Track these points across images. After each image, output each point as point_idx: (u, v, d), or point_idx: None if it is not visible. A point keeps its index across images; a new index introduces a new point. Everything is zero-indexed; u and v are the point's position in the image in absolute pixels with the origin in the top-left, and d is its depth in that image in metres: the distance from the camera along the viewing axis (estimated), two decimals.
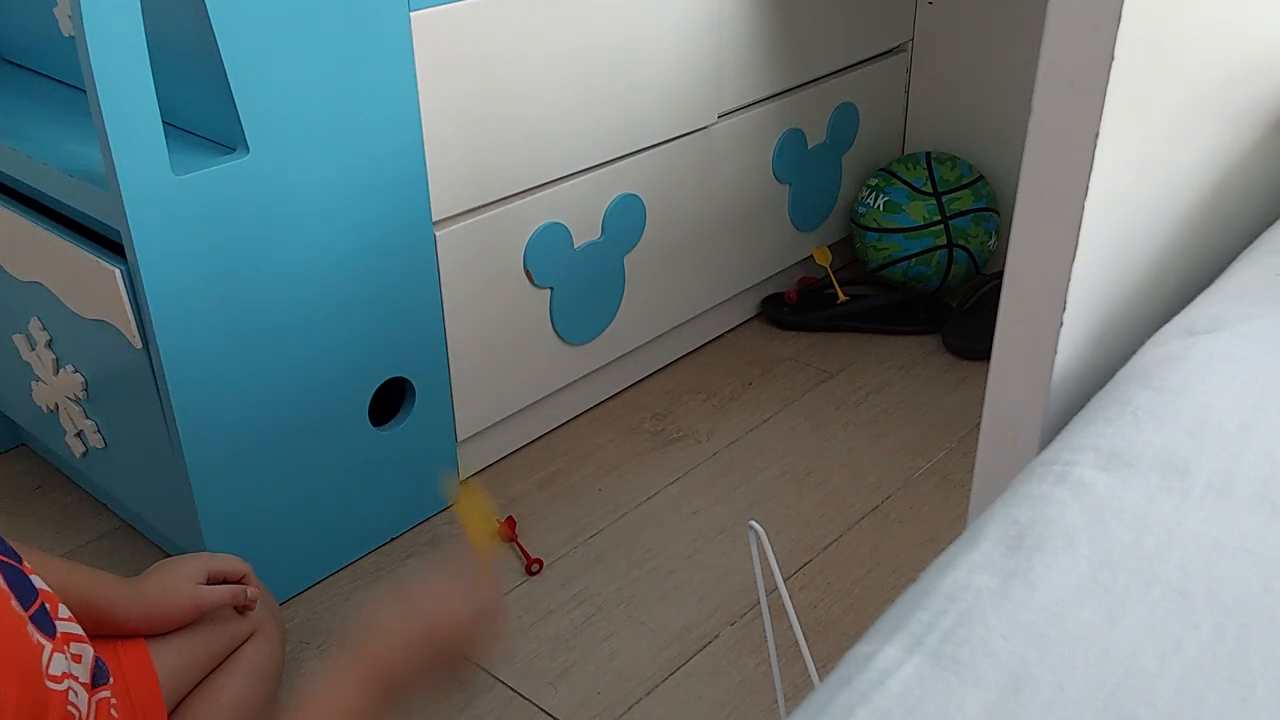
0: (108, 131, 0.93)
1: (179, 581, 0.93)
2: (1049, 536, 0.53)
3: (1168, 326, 0.71)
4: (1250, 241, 0.81)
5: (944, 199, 1.71)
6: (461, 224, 1.27)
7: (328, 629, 1.20)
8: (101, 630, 0.86)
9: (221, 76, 1.00)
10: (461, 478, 1.02)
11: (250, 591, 0.96)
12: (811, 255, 1.80)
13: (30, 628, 0.71)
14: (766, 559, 0.96)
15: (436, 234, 1.24)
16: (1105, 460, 0.58)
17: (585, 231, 1.41)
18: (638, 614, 1.21)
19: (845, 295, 1.74)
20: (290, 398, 1.16)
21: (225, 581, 0.96)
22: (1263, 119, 0.82)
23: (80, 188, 1.03)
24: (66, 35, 1.16)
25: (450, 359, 1.31)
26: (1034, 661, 0.46)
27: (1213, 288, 0.75)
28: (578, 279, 1.42)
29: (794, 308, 1.75)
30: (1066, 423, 0.65)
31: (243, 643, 0.99)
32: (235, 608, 0.96)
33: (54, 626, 0.74)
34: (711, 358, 1.69)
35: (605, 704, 1.11)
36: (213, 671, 0.97)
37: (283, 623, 1.07)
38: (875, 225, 1.74)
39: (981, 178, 1.75)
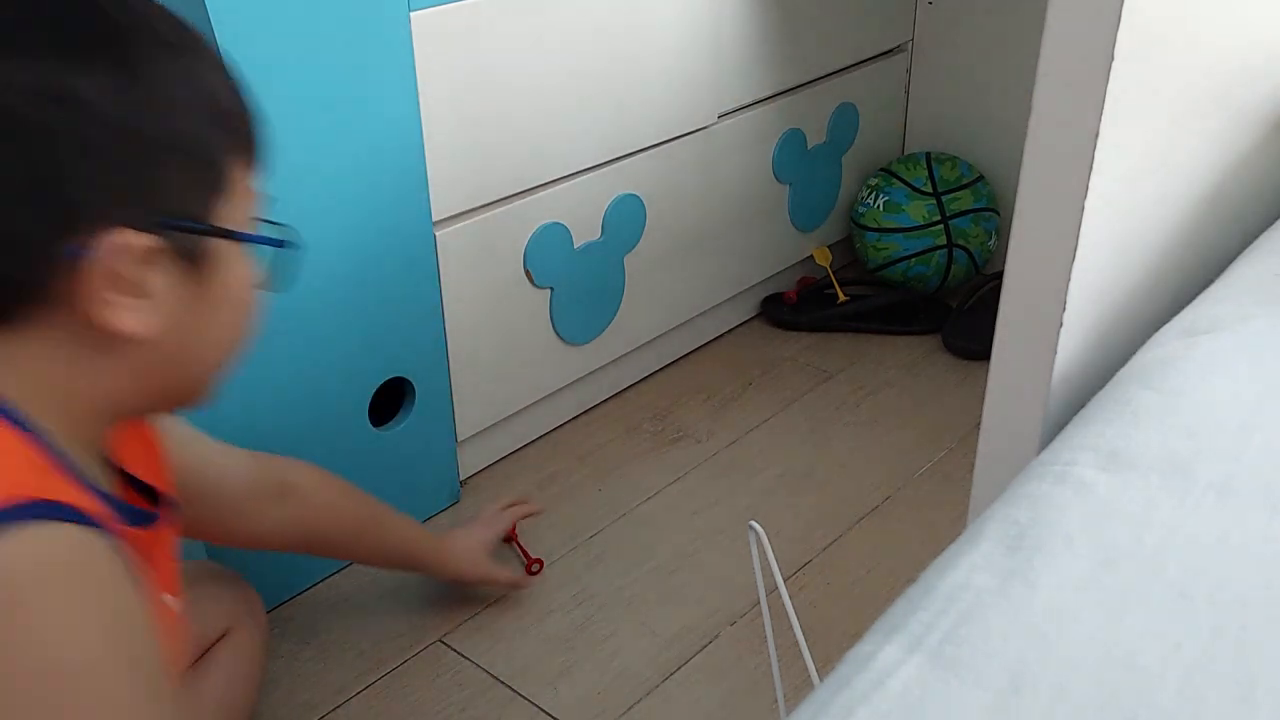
0: None
1: (479, 553, 1.19)
2: (1049, 537, 0.53)
3: (1168, 327, 0.71)
4: (1250, 241, 0.81)
5: (944, 199, 1.71)
6: (461, 224, 1.27)
7: (328, 629, 1.20)
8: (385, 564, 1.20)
9: None
10: None
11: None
12: (811, 255, 1.80)
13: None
14: (766, 559, 0.96)
15: (436, 234, 1.24)
16: (1105, 460, 0.58)
17: (585, 232, 1.41)
18: (638, 614, 1.21)
19: (845, 295, 1.74)
20: (290, 398, 1.16)
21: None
22: (1263, 119, 0.82)
23: None
24: None
25: (450, 359, 1.31)
26: (1034, 662, 0.46)
27: (1213, 288, 0.75)
28: (578, 279, 1.42)
29: (794, 308, 1.75)
30: (1066, 423, 0.65)
31: (214, 643, 0.99)
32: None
33: None
34: (711, 358, 1.69)
35: (605, 704, 1.11)
36: (186, 672, 0.97)
37: (263, 620, 1.07)
38: (875, 225, 1.74)
39: (981, 178, 1.75)
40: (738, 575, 1.26)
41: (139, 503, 0.71)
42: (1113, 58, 0.57)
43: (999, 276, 0.83)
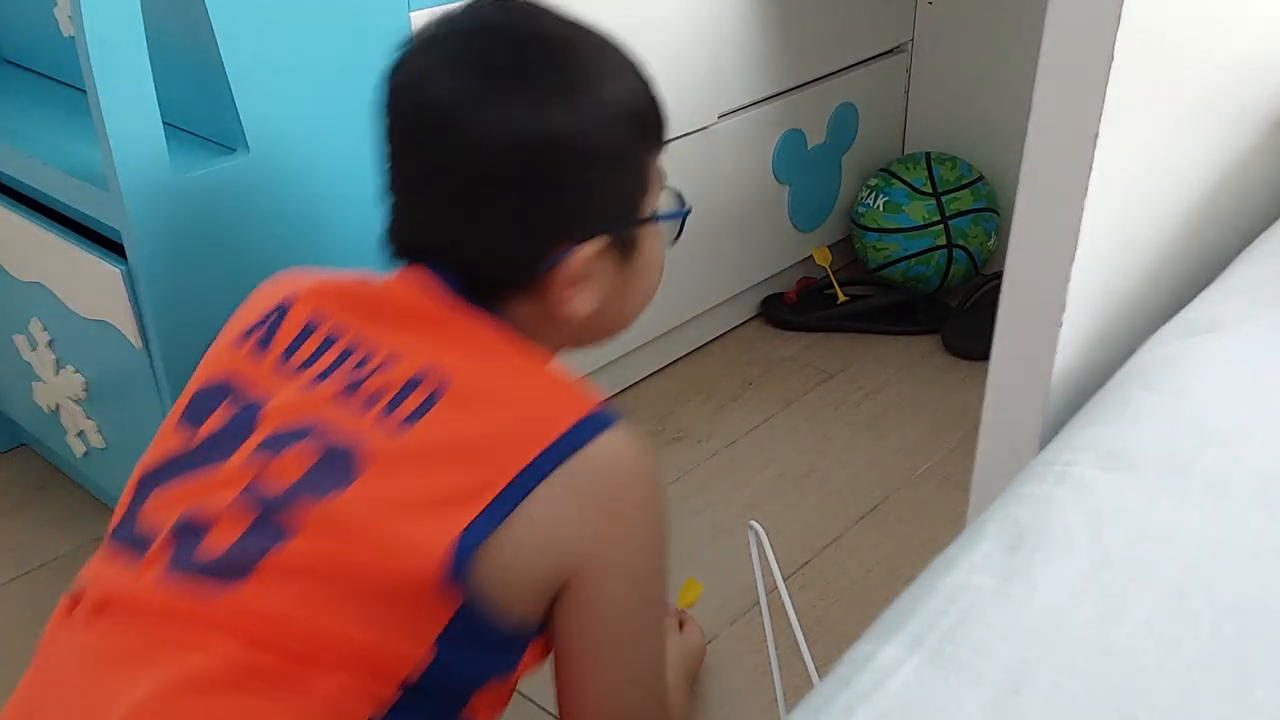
0: (108, 132, 0.93)
1: None
2: (1048, 536, 0.53)
3: (1167, 326, 0.71)
4: (1250, 241, 0.81)
5: (944, 199, 1.71)
6: None
7: None
8: None
9: (221, 76, 1.00)
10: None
11: None
12: (811, 255, 1.80)
13: None
14: (766, 559, 0.96)
15: None
16: (1104, 460, 0.58)
17: None
18: None
19: (845, 295, 1.74)
20: None
21: None
22: (1263, 119, 0.82)
23: (81, 188, 1.03)
24: (67, 36, 1.16)
25: None
26: (1033, 661, 0.46)
27: (1212, 288, 0.75)
28: None
29: (794, 308, 1.75)
30: (1066, 423, 0.65)
31: None
32: None
33: None
34: (711, 358, 1.69)
35: None
36: None
37: None
38: (875, 225, 1.74)
39: (981, 178, 1.75)
40: (738, 575, 1.26)
41: None
42: (1113, 58, 0.57)
43: (999, 276, 0.83)
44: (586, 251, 0.76)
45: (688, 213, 0.86)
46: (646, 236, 0.81)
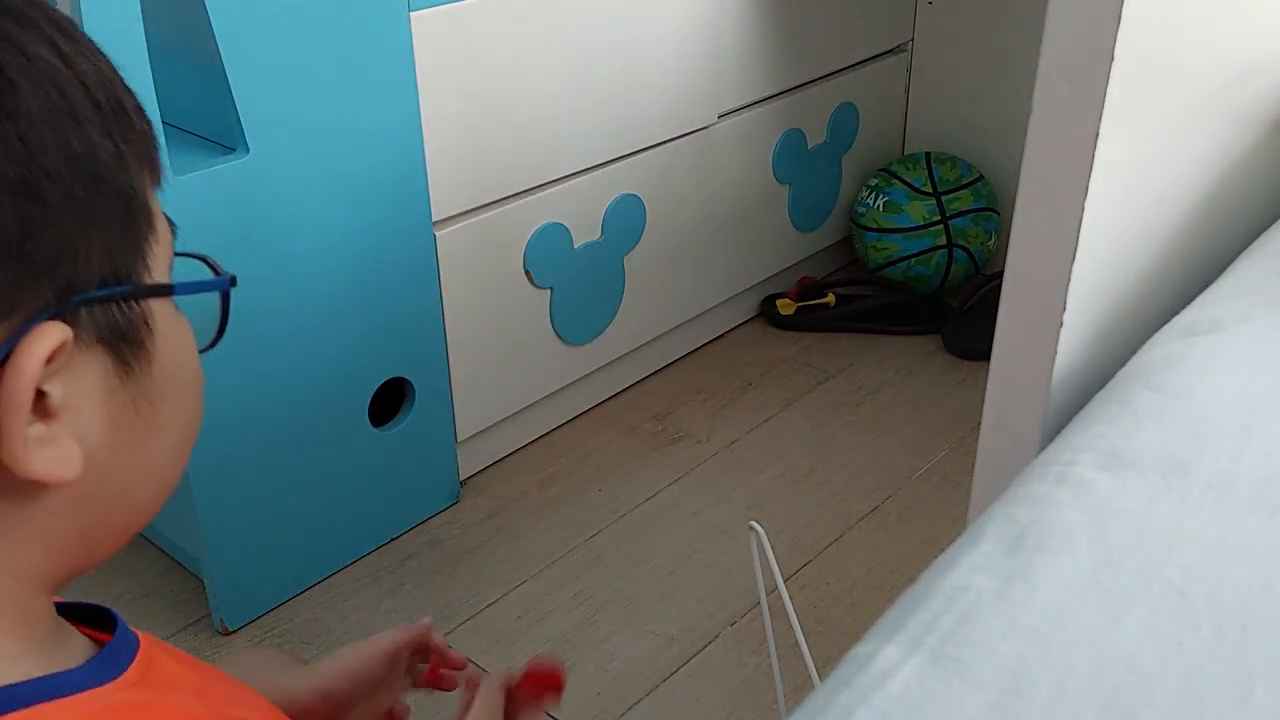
0: None
1: (369, 641, 0.72)
2: (1049, 537, 0.53)
3: (1168, 327, 0.71)
4: (1250, 241, 0.81)
5: (944, 199, 1.71)
6: (461, 224, 1.27)
7: (327, 629, 1.20)
8: None
9: (221, 76, 1.00)
10: None
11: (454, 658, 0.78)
12: (811, 255, 1.80)
13: None
14: (766, 559, 0.96)
15: (436, 234, 1.24)
16: (1105, 460, 0.58)
17: (585, 231, 1.41)
18: (638, 614, 1.21)
19: (833, 297, 1.74)
20: (290, 398, 1.16)
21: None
22: (1263, 119, 0.82)
23: None
24: None
25: (450, 359, 1.31)
26: (1034, 661, 0.46)
27: (1213, 288, 0.74)
28: (578, 279, 1.42)
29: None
30: (1067, 423, 0.65)
31: None
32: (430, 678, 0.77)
33: None
34: (711, 358, 1.69)
35: (605, 704, 1.11)
36: None
37: None
38: (875, 225, 1.74)
39: (981, 178, 1.75)
40: (738, 575, 1.26)
41: None
42: (1113, 58, 0.57)
43: (999, 276, 0.83)
44: (31, 348, 0.37)
45: (230, 283, 0.50)
46: (164, 320, 0.44)
